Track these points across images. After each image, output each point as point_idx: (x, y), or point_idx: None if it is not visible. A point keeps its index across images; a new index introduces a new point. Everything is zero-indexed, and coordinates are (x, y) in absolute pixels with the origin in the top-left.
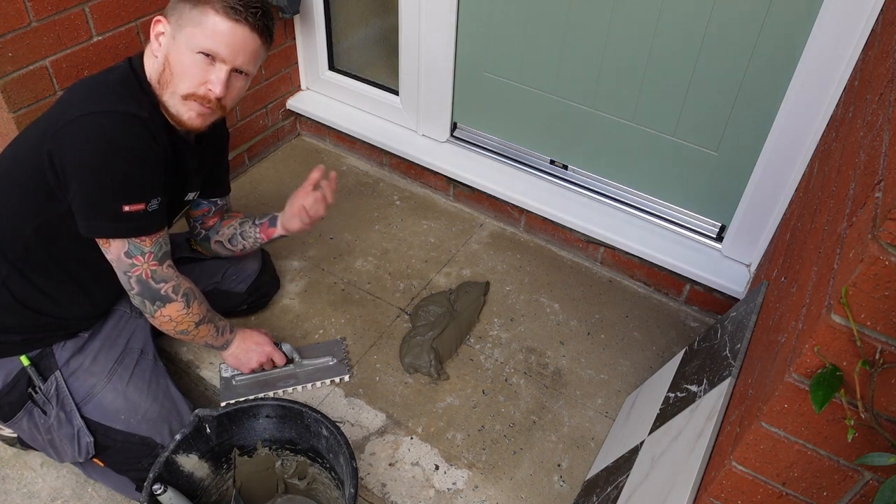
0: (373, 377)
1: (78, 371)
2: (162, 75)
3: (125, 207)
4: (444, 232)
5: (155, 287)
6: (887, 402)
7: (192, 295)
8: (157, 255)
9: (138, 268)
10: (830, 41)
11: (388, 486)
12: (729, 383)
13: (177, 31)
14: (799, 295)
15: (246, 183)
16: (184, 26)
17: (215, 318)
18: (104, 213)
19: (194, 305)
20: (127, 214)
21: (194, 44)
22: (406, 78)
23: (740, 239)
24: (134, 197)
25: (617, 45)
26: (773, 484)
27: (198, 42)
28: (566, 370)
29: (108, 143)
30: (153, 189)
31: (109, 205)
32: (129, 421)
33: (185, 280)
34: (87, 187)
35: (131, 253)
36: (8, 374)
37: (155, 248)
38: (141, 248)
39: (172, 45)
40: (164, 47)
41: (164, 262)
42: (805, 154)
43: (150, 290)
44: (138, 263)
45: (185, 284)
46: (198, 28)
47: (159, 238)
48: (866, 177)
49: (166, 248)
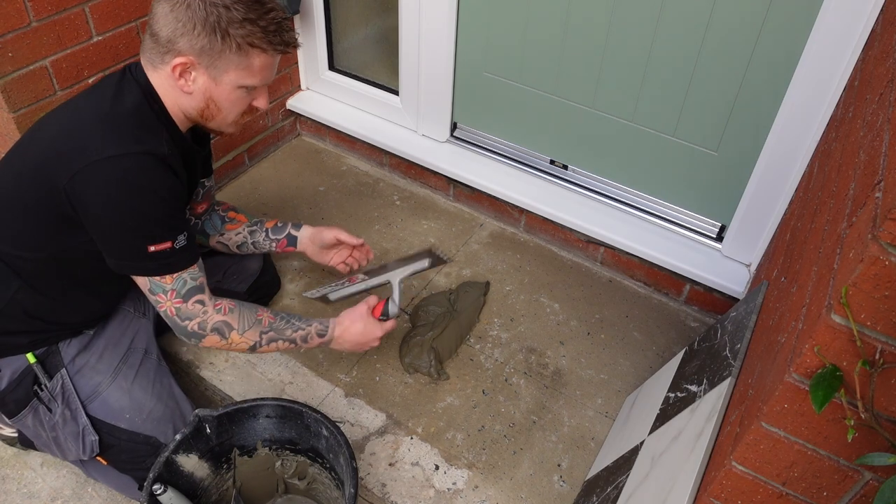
0: (373, 377)
1: (84, 369)
2: (206, 111)
3: (151, 248)
4: (444, 232)
5: (181, 324)
6: (887, 402)
7: (229, 326)
8: (179, 292)
9: (163, 304)
10: (830, 41)
11: (388, 486)
12: (729, 383)
13: (215, 73)
14: (799, 295)
15: (246, 183)
16: (226, 70)
17: (284, 333)
18: (131, 254)
19: (233, 335)
20: (153, 254)
21: (240, 83)
22: (406, 78)
23: (740, 239)
24: (160, 237)
25: (617, 46)
26: (773, 484)
27: (245, 82)
28: (566, 370)
29: (131, 187)
30: (179, 225)
31: (136, 246)
32: (134, 420)
33: (215, 314)
34: (112, 230)
35: (154, 290)
36: (14, 372)
37: (178, 285)
38: (163, 287)
39: (214, 88)
40: (200, 88)
41: (189, 299)
42: (805, 154)
43: (178, 327)
44: (162, 300)
45: (216, 318)
46: (244, 70)
47: (183, 274)
48: (866, 177)
49: (192, 283)
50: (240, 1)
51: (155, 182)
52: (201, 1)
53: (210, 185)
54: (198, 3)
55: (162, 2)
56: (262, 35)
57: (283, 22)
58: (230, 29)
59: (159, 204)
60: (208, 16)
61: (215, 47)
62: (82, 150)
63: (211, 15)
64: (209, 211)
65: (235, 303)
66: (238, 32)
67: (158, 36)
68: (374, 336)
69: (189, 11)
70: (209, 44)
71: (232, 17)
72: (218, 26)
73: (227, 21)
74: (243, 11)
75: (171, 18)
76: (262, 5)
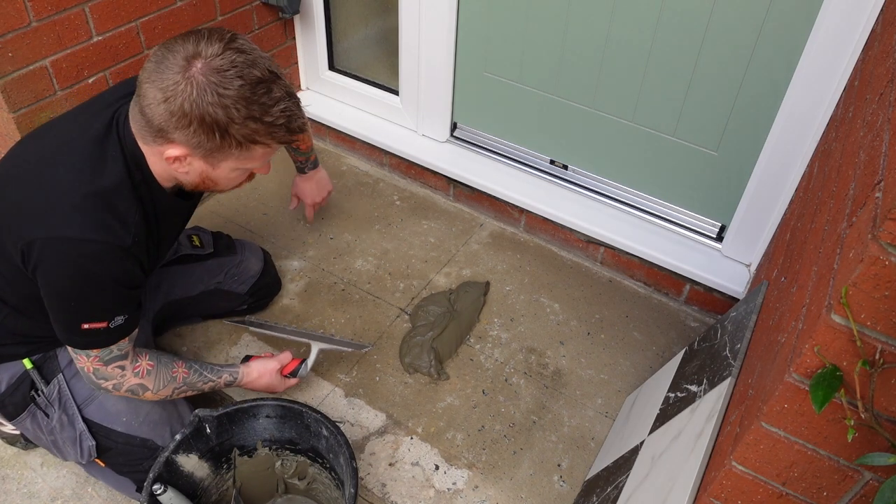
0: (373, 377)
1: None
2: (201, 185)
3: (84, 325)
4: (444, 232)
5: (96, 381)
6: (887, 402)
7: (143, 387)
8: (102, 359)
9: (81, 363)
10: (830, 41)
11: (388, 486)
12: (729, 383)
13: (213, 161)
14: (799, 295)
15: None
16: (225, 159)
17: (196, 385)
18: (63, 325)
19: (147, 395)
20: (85, 331)
21: (240, 167)
22: (406, 78)
23: (740, 239)
24: (96, 318)
25: (617, 45)
26: (773, 484)
27: (245, 167)
28: (566, 370)
29: (80, 272)
30: (121, 308)
31: (70, 320)
32: (131, 423)
33: (132, 377)
34: (52, 301)
35: (77, 351)
36: (11, 377)
37: (102, 354)
38: (87, 353)
39: (211, 171)
40: (196, 170)
41: (110, 364)
42: (805, 154)
43: (92, 383)
44: (82, 361)
45: (132, 381)
46: (246, 160)
47: (111, 346)
48: (866, 177)
49: (118, 352)
50: (242, 98)
51: (106, 271)
52: (198, 98)
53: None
54: (193, 100)
55: (153, 86)
56: (266, 132)
57: (290, 112)
58: (230, 129)
59: (104, 292)
60: (205, 116)
61: (213, 144)
62: (44, 217)
63: (209, 115)
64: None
65: (154, 362)
66: (239, 132)
67: (150, 121)
68: (276, 391)
69: (185, 106)
70: (207, 140)
71: (232, 117)
72: (216, 126)
73: (226, 121)
74: (245, 111)
75: (164, 110)
76: (269, 95)
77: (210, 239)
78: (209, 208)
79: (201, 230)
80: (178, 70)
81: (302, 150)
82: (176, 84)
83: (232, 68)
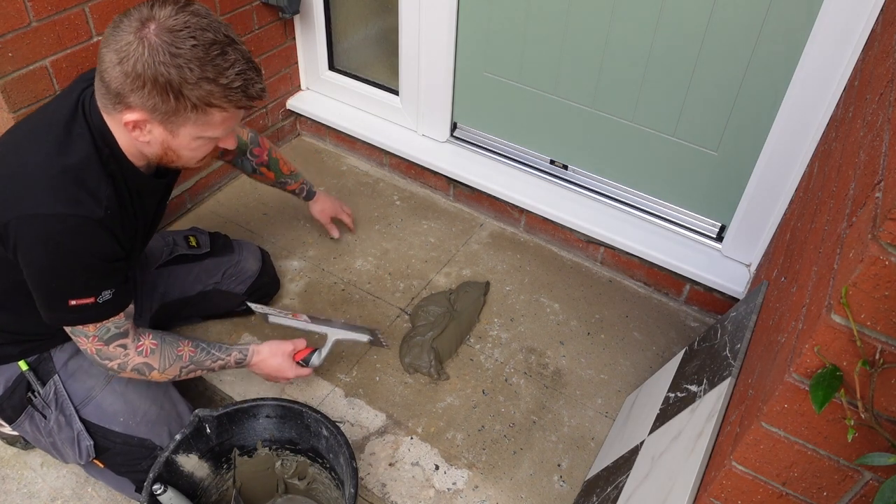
0: (373, 377)
1: (77, 373)
2: (164, 157)
3: (72, 302)
4: (444, 232)
5: (100, 363)
6: (887, 402)
7: (149, 366)
8: (101, 338)
9: (83, 345)
10: (830, 41)
11: (388, 486)
12: (729, 383)
13: (172, 127)
14: (799, 295)
15: (246, 182)
16: (183, 124)
17: (204, 363)
18: (51, 305)
19: (153, 374)
20: (73, 307)
21: (200, 136)
22: (406, 78)
23: (740, 239)
24: (82, 294)
25: (617, 45)
26: (773, 484)
27: (206, 135)
28: (566, 370)
29: (56, 248)
30: (106, 282)
31: (56, 299)
32: (128, 423)
33: (136, 356)
34: (35, 282)
35: (75, 333)
36: (8, 380)
37: (100, 332)
38: (84, 332)
39: (171, 139)
40: (157, 139)
41: (111, 343)
42: (805, 154)
43: (97, 364)
44: (83, 343)
45: (136, 361)
46: (204, 126)
47: (107, 323)
48: (866, 177)
49: (116, 330)
50: (195, 58)
51: (82, 245)
52: (150, 58)
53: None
54: (146, 60)
55: (108, 49)
56: (222, 94)
57: (247, 73)
58: (184, 90)
59: (84, 264)
60: (158, 76)
61: (168, 107)
62: (18, 200)
63: (161, 75)
64: (238, 156)
65: (158, 340)
66: (193, 94)
67: (108, 86)
68: (285, 375)
69: (137, 67)
70: (162, 103)
71: (185, 78)
72: (170, 87)
73: (179, 82)
74: (198, 71)
75: (119, 72)
76: (224, 58)
77: (207, 239)
78: (209, 208)
79: (198, 231)
80: (131, 31)
81: (285, 172)
82: (129, 44)
83: (185, 28)
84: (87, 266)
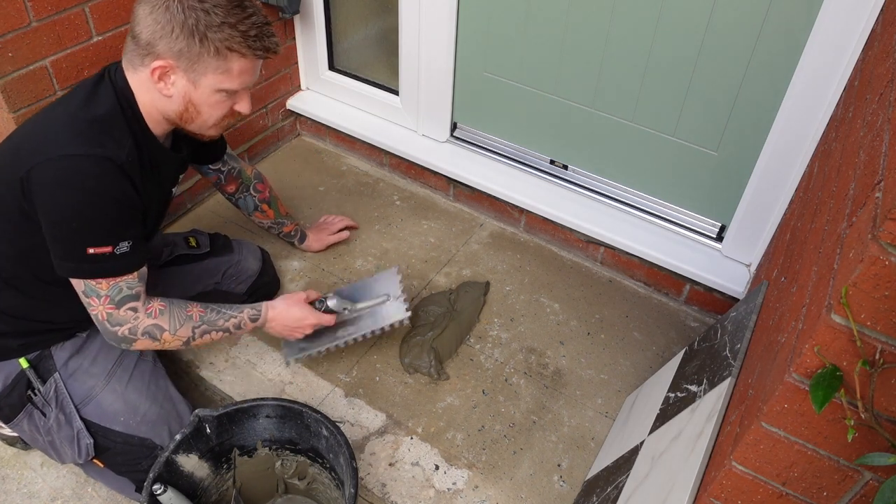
0: (373, 377)
1: (77, 372)
2: (185, 114)
3: (90, 250)
4: (444, 232)
5: (111, 330)
6: (887, 402)
7: (160, 328)
8: (113, 299)
9: (94, 308)
10: (830, 41)
11: (388, 486)
12: (729, 383)
13: (194, 76)
14: (799, 295)
15: None
16: (204, 73)
17: (216, 323)
18: (69, 254)
19: (165, 336)
20: (91, 256)
21: (219, 87)
22: (406, 78)
23: (740, 239)
24: (100, 240)
25: (617, 45)
26: (773, 484)
27: (224, 86)
28: (566, 370)
29: (80, 187)
30: (124, 232)
31: (75, 246)
32: (129, 422)
33: (146, 318)
34: (56, 227)
35: (88, 293)
36: (7, 377)
37: (112, 292)
38: (97, 291)
39: (193, 91)
40: (180, 91)
41: (122, 306)
42: (805, 154)
43: (108, 332)
44: (94, 304)
45: (146, 323)
46: (223, 74)
47: (120, 281)
48: (866, 177)
49: (128, 291)
50: (219, 5)
51: (105, 186)
52: (180, 4)
53: (230, 169)
54: (176, 5)
55: (142, 4)
56: (241, 39)
57: (263, 27)
58: (208, 33)
59: (105, 208)
60: (186, 19)
61: (193, 50)
62: (42, 146)
63: (189, 18)
64: (242, 191)
65: (166, 303)
66: (216, 36)
67: (139, 38)
68: (309, 323)
69: (168, 14)
70: (187, 47)
71: (210, 21)
72: (196, 29)
73: (205, 25)
74: (222, 15)
75: (151, 21)
76: (243, 10)
77: (207, 240)
78: (209, 208)
79: (198, 232)
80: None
81: (282, 213)
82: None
83: None
84: (106, 211)
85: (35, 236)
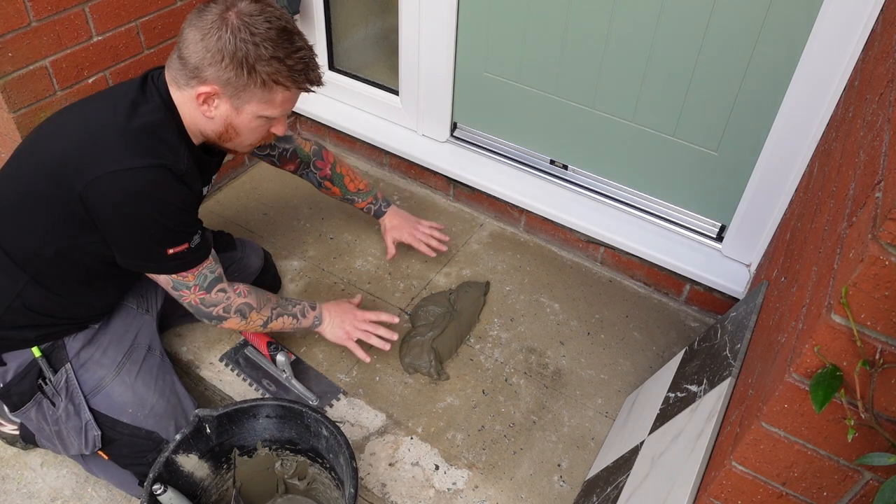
0: (373, 377)
1: (88, 363)
2: (224, 134)
3: (170, 251)
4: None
5: (206, 311)
6: (887, 402)
7: (249, 307)
8: (202, 285)
9: (187, 298)
10: (830, 41)
11: (388, 486)
12: (729, 383)
13: (238, 103)
14: (799, 295)
15: (246, 182)
16: (249, 101)
17: (287, 308)
18: (150, 257)
19: (252, 315)
20: (172, 255)
21: (261, 114)
22: (406, 78)
23: (740, 239)
24: (177, 241)
25: (617, 45)
26: (773, 484)
27: (265, 113)
28: (566, 370)
29: (148, 199)
30: (192, 227)
31: (154, 251)
32: (136, 415)
33: (236, 297)
34: (130, 237)
35: (177, 287)
36: (20, 365)
37: (199, 280)
38: (185, 284)
39: (235, 116)
40: (222, 115)
41: (212, 289)
42: (805, 154)
43: (203, 314)
44: (186, 295)
45: (238, 301)
46: (266, 104)
47: (203, 269)
48: (866, 177)
49: (212, 275)
50: (269, 38)
51: (170, 194)
52: (232, 35)
53: (282, 150)
54: (228, 36)
55: (193, 28)
56: (288, 74)
57: (310, 61)
58: (257, 65)
59: (173, 214)
60: (237, 50)
61: (241, 81)
62: (99, 159)
63: (240, 50)
64: (302, 169)
65: (247, 286)
66: (264, 69)
67: (186, 61)
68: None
69: (219, 43)
70: (235, 77)
71: (260, 55)
72: (245, 62)
73: (255, 58)
74: (272, 49)
75: (201, 47)
76: (292, 44)
77: (210, 236)
78: (209, 208)
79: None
80: (216, 14)
81: (351, 189)
82: (213, 24)
83: (262, 14)
84: (175, 216)
85: (79, 239)
